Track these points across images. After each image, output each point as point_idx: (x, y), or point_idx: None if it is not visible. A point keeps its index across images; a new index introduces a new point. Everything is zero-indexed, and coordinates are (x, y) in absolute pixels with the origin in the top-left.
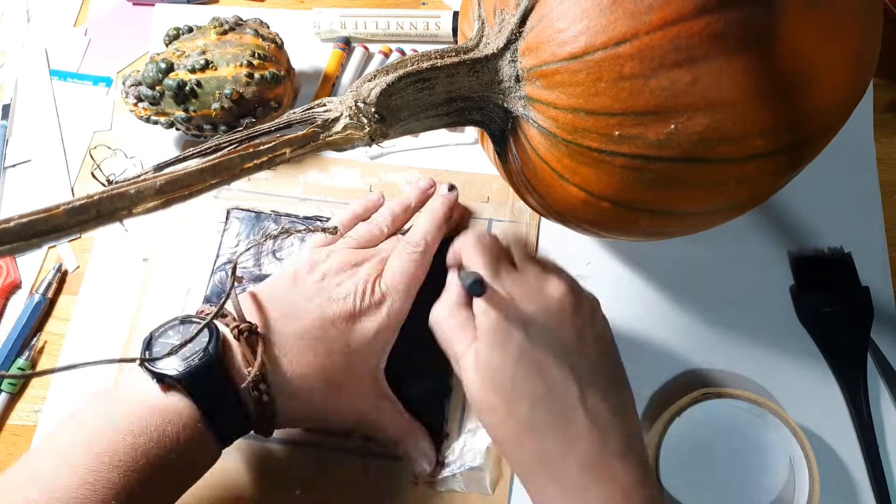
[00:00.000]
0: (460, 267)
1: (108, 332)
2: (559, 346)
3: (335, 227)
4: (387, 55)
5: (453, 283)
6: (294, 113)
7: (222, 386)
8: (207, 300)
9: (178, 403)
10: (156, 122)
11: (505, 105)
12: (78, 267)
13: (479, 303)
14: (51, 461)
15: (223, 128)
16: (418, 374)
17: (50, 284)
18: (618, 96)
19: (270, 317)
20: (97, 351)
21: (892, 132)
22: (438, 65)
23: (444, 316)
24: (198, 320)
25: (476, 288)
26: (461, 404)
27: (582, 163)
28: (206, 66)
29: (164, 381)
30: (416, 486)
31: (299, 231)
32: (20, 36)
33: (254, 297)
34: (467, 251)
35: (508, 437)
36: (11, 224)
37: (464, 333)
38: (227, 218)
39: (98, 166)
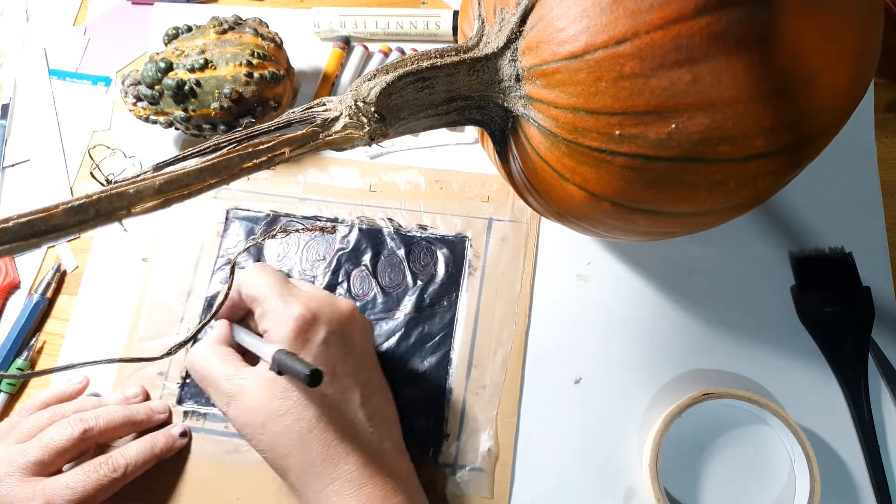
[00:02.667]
0: (244, 316)
1: (108, 332)
2: (348, 352)
3: (333, 226)
4: (386, 54)
5: (216, 328)
6: (293, 112)
7: None
8: (208, 302)
9: None
10: (155, 122)
11: (505, 104)
12: (77, 267)
13: (269, 318)
14: None
15: (222, 127)
16: (418, 375)
17: (49, 284)
18: (618, 96)
19: None
20: (96, 351)
21: (893, 132)
22: (438, 64)
23: (205, 354)
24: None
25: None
26: (461, 405)
27: (582, 162)
28: (206, 65)
29: None
30: None
31: (299, 231)
32: (19, 35)
33: None
34: (253, 275)
35: (292, 443)
36: (10, 224)
37: (234, 363)
38: (226, 218)
39: (97, 166)
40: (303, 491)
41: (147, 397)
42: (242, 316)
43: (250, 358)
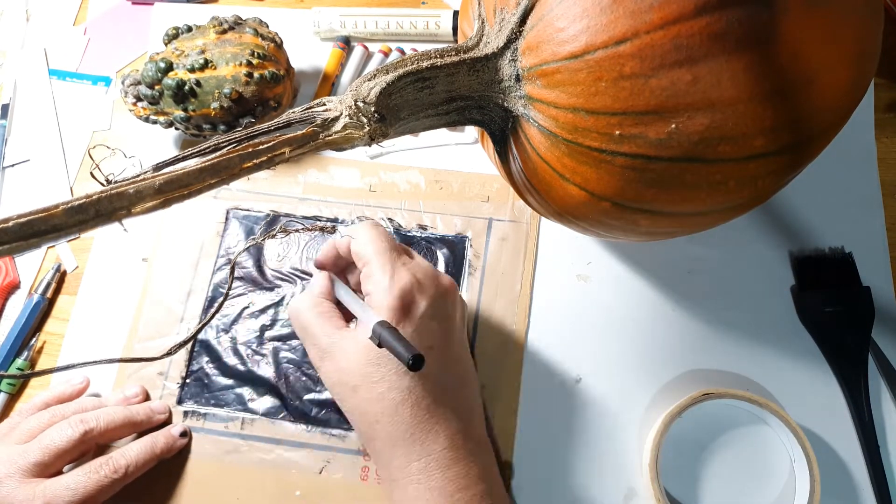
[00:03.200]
0: (341, 272)
1: (108, 332)
2: (447, 329)
3: (333, 226)
4: (386, 54)
5: (317, 281)
6: (293, 112)
7: None
8: (209, 302)
9: None
10: (155, 122)
11: (505, 104)
12: (77, 267)
13: (373, 280)
14: None
15: (222, 127)
16: None
17: (49, 284)
18: (618, 96)
19: None
20: (96, 351)
21: (893, 132)
22: (438, 64)
23: (308, 306)
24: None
25: (414, 356)
26: None
27: (582, 162)
28: (206, 65)
29: None
30: None
31: (298, 231)
32: (19, 35)
33: None
34: (365, 234)
35: (383, 411)
36: (10, 224)
37: (330, 321)
38: (226, 218)
39: (97, 166)
40: (385, 461)
41: (147, 397)
42: (343, 268)
43: (346, 313)
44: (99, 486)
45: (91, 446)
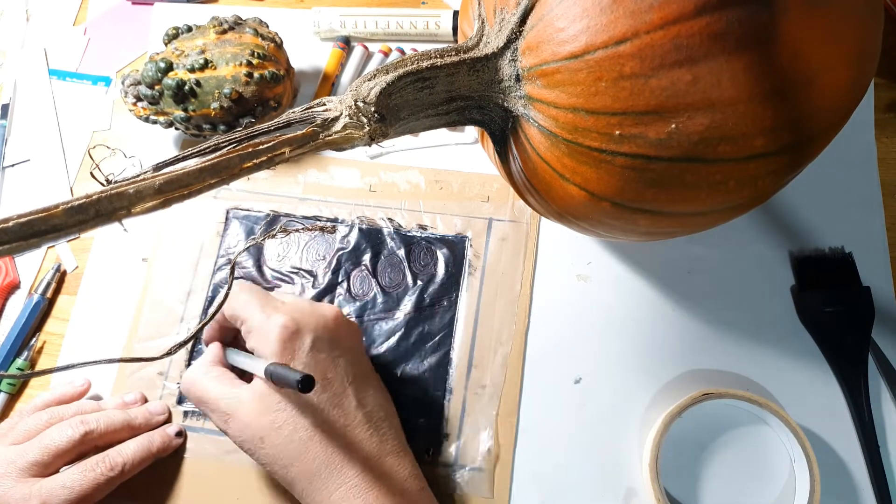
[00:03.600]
0: (225, 338)
1: (108, 332)
2: (338, 356)
3: (333, 226)
4: (386, 54)
5: (209, 350)
6: (293, 112)
7: None
8: (209, 302)
9: None
10: (155, 122)
11: (505, 104)
12: (77, 267)
13: (255, 336)
14: None
15: (222, 127)
16: (418, 375)
17: (49, 284)
18: (618, 96)
19: None
20: (96, 351)
21: (893, 132)
22: (438, 64)
23: (199, 375)
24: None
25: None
26: (461, 405)
27: (582, 162)
28: (206, 65)
29: None
30: None
31: (298, 231)
32: (19, 35)
33: None
34: (233, 300)
35: (293, 453)
36: (10, 224)
37: (228, 381)
38: (226, 218)
39: (97, 166)
40: (310, 499)
41: (145, 402)
42: (234, 336)
43: (248, 378)
44: (95, 484)
45: (89, 448)
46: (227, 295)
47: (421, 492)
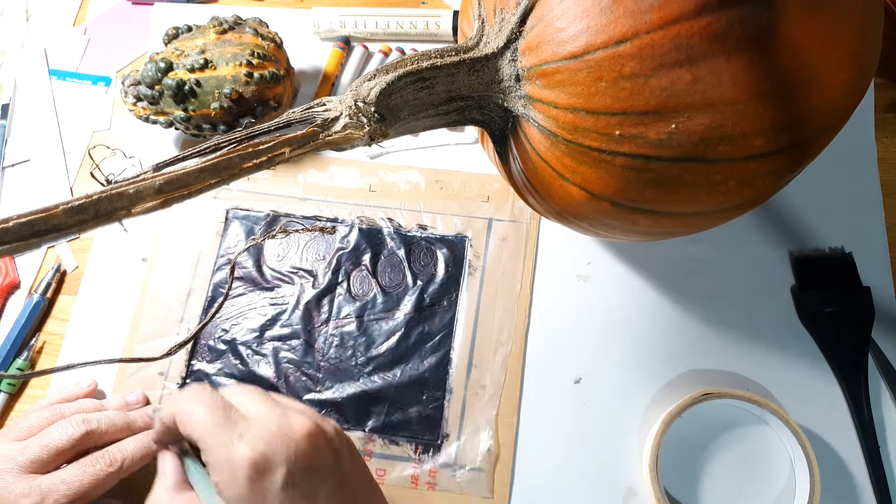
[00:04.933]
0: (178, 441)
1: (108, 332)
2: (319, 485)
3: (333, 227)
4: (386, 54)
5: (167, 468)
6: (293, 112)
7: None
8: (209, 302)
9: None
10: (155, 122)
11: (505, 104)
12: (77, 267)
13: (217, 469)
14: None
15: (222, 127)
16: (418, 375)
17: (49, 284)
18: (618, 96)
19: None
20: (96, 351)
21: (893, 132)
22: (438, 64)
23: (168, 502)
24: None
25: None
26: (461, 405)
27: (582, 162)
28: (206, 65)
29: None
30: (415, 487)
31: (298, 231)
32: (19, 35)
33: None
34: (187, 412)
35: None
36: (10, 224)
37: None
38: (226, 218)
39: (97, 166)
40: None
41: (147, 403)
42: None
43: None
44: (95, 480)
45: (90, 447)
46: (227, 295)
47: None
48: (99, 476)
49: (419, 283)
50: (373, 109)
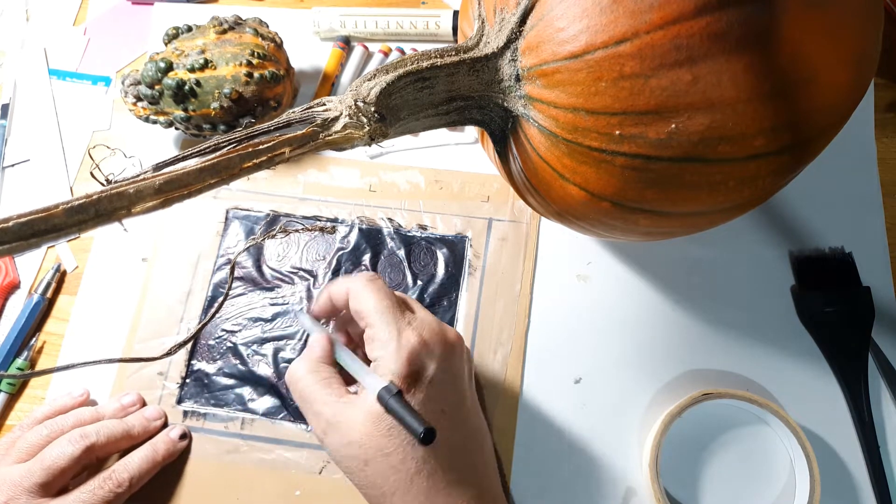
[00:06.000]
0: (340, 324)
1: (108, 332)
2: (456, 389)
3: (334, 226)
4: (386, 54)
5: (316, 343)
6: (293, 112)
7: None
8: (208, 302)
9: None
10: (155, 122)
11: (505, 104)
12: (77, 267)
13: (379, 345)
14: None
15: (222, 127)
16: None
17: (49, 284)
18: (618, 95)
19: None
20: (96, 351)
21: (893, 132)
22: (438, 64)
23: (306, 372)
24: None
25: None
26: None
27: (582, 162)
28: (206, 65)
29: None
30: None
31: (299, 231)
32: (19, 35)
33: None
34: (364, 290)
35: (397, 483)
36: (10, 224)
37: (337, 388)
38: (226, 218)
39: (97, 166)
40: None
41: (143, 404)
42: (344, 317)
43: (347, 376)
44: (104, 503)
45: (92, 459)
46: (227, 295)
47: None
48: (108, 498)
49: (419, 283)
50: (373, 109)
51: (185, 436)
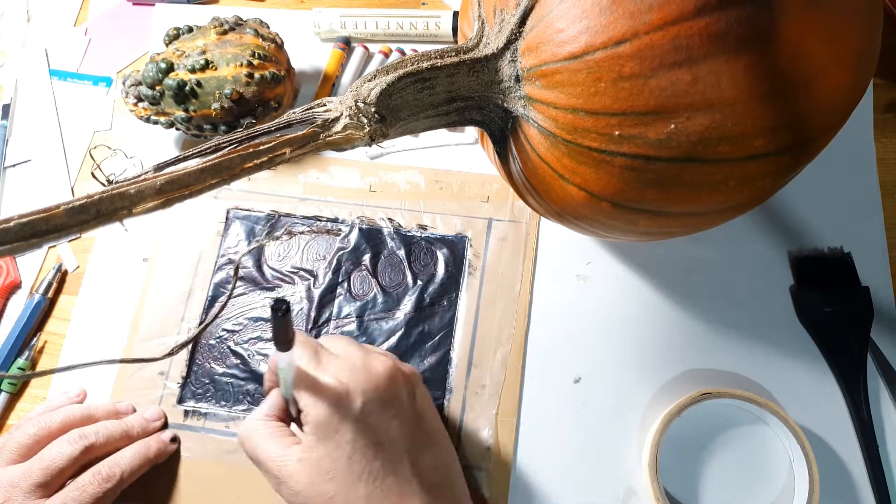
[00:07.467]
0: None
1: (108, 333)
2: (392, 417)
3: (339, 229)
4: (387, 55)
5: (267, 400)
6: (294, 113)
7: None
8: (209, 302)
9: None
10: (156, 122)
11: (505, 105)
12: (78, 267)
13: (304, 396)
14: None
15: (223, 128)
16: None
17: (50, 284)
18: (618, 96)
19: None
20: (97, 351)
21: (893, 132)
22: (438, 65)
23: (256, 427)
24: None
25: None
26: (461, 405)
27: (582, 163)
28: (206, 65)
29: None
30: None
31: (301, 232)
32: (20, 36)
33: None
34: (278, 363)
35: None
36: (11, 224)
37: (280, 440)
38: (227, 218)
39: (98, 166)
40: None
41: (134, 411)
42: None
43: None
44: (94, 499)
45: (91, 461)
46: (230, 295)
47: None
48: (98, 494)
49: (419, 282)
50: (373, 110)
51: (175, 439)
